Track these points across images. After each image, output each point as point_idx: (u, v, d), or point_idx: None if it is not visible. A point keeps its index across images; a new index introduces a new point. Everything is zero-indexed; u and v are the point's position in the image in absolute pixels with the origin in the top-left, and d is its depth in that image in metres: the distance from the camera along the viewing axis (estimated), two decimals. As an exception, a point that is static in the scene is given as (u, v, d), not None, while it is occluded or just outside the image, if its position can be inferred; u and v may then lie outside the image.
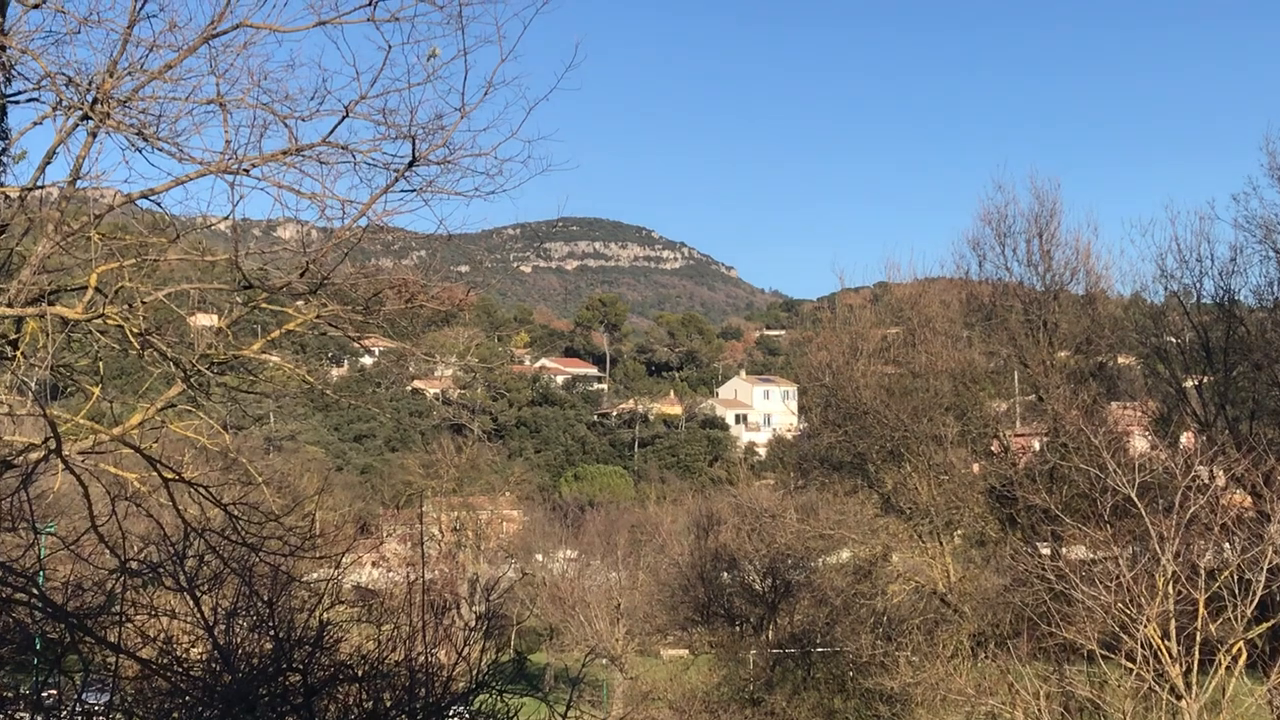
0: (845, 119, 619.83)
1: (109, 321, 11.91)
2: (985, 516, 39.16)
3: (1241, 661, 25.20)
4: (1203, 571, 24.75)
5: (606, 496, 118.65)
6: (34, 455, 11.74)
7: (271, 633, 9.63)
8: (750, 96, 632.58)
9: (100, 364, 13.20)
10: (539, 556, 73.23)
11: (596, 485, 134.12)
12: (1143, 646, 24.26)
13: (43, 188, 12.11)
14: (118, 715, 9.45)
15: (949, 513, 39.07)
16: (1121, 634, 24.87)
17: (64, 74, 11.45)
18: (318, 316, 13.25)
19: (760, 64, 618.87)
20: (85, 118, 11.56)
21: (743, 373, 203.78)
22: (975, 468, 40.29)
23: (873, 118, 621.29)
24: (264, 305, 13.24)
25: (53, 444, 10.94)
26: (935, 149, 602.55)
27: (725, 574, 54.89)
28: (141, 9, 11.64)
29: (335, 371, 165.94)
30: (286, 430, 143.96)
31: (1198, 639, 24.05)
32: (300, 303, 13.89)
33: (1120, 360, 42.22)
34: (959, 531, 40.91)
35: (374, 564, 49.86)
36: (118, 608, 9.76)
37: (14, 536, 11.47)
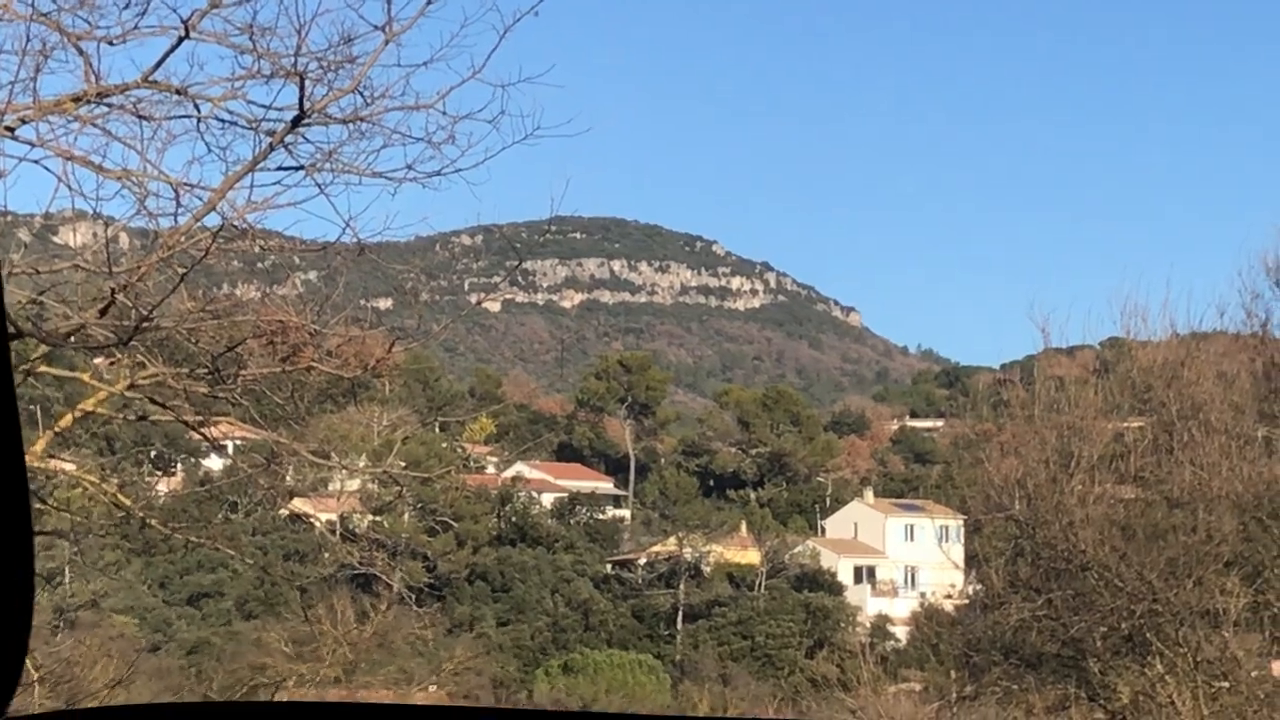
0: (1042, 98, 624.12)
1: None
2: (1295, 754, 38.98)
3: None
4: None
5: (619, 702, 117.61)
6: None
7: None
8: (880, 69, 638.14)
9: None
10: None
11: (602, 683, 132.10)
12: None
13: None
14: None
15: (1231, 746, 38.89)
16: None
17: None
18: (131, 386, 13.25)
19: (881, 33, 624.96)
20: None
21: (869, 493, 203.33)
22: (1276, 667, 40.10)
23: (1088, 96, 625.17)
24: (42, 369, 13.25)
25: None
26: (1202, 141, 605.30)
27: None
28: None
29: (164, 484, 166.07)
30: (87, 593, 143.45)
31: None
32: (102, 360, 13.91)
33: None
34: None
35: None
36: None
37: None
